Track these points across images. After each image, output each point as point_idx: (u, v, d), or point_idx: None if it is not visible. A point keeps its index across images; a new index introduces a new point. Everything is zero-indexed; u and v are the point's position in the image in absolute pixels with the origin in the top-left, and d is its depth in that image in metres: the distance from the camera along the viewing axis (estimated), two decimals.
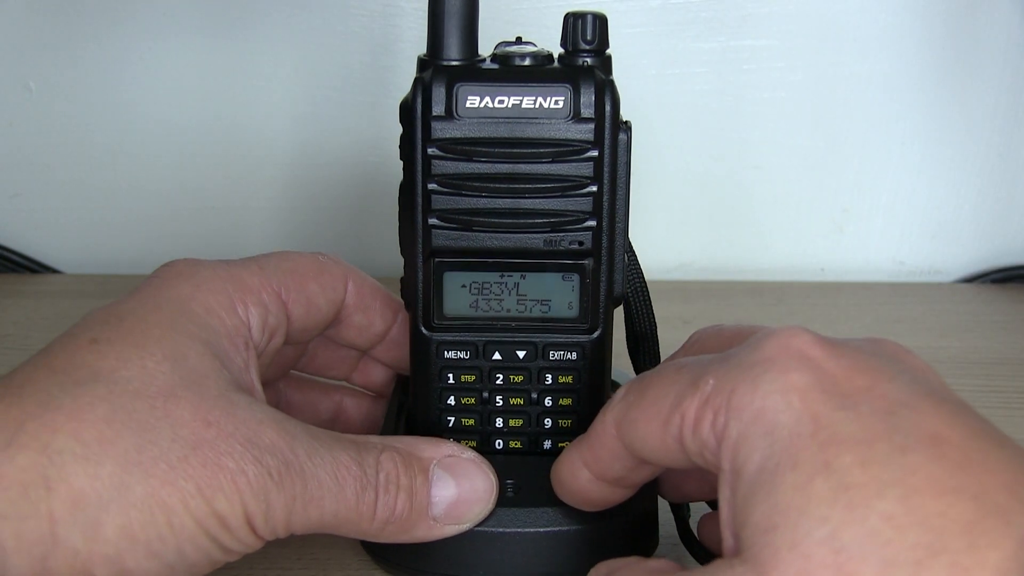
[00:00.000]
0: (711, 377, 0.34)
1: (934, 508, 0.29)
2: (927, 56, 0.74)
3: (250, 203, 0.78)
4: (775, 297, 0.75)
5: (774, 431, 0.31)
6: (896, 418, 0.31)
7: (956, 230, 0.79)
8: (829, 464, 0.30)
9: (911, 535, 0.29)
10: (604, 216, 0.41)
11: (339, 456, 0.38)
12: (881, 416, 0.31)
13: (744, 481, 0.32)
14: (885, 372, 0.33)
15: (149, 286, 0.41)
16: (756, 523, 0.31)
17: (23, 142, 0.77)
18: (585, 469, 0.39)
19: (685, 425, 0.34)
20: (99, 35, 0.74)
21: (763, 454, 0.31)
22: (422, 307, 0.43)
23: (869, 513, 0.29)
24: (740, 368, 0.33)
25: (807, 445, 0.31)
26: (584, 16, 0.41)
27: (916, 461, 0.30)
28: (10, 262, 0.78)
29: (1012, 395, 0.62)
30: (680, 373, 0.35)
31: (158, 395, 0.36)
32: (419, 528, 0.40)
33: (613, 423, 0.37)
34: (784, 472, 0.31)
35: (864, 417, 0.31)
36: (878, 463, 0.30)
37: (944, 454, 0.30)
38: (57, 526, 0.33)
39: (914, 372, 0.34)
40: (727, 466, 0.32)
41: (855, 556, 0.29)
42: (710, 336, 0.41)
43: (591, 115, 0.40)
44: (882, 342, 0.35)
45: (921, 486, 0.29)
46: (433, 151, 0.41)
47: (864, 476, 0.30)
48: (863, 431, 0.31)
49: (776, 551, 0.30)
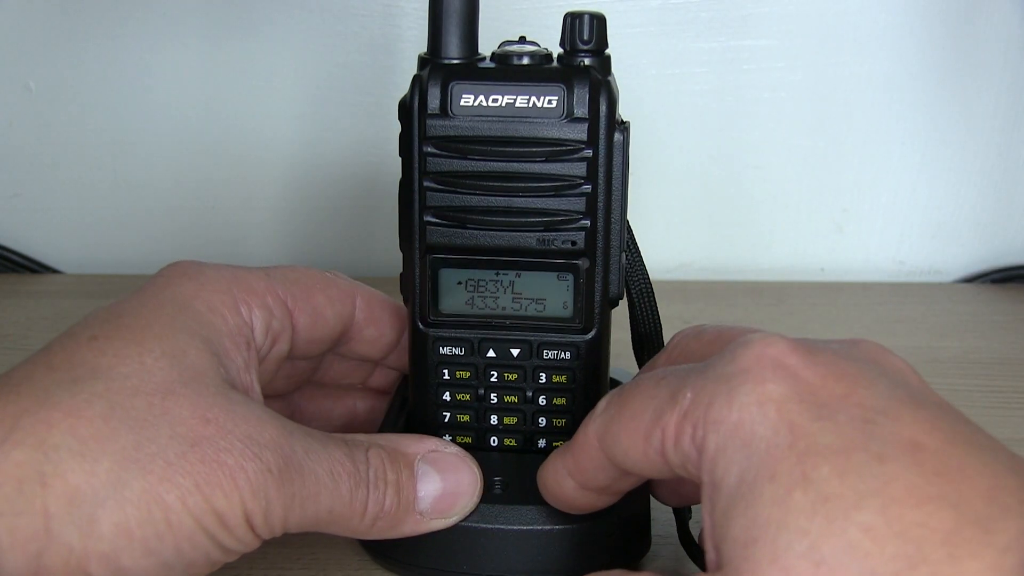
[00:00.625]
0: (688, 391, 0.33)
1: (913, 518, 0.29)
2: (927, 56, 0.74)
3: (250, 203, 0.78)
4: (775, 297, 0.75)
5: (751, 443, 0.31)
6: (873, 426, 0.31)
7: (956, 230, 0.79)
8: (807, 476, 0.30)
9: (890, 547, 0.28)
10: (599, 216, 0.41)
11: (334, 452, 0.38)
12: (858, 425, 0.31)
13: (723, 494, 0.31)
14: (862, 378, 0.32)
15: (152, 285, 0.41)
16: (736, 537, 0.30)
17: (23, 142, 0.77)
18: (570, 479, 0.39)
19: (666, 439, 0.34)
20: (99, 35, 0.74)
21: (741, 467, 0.31)
22: (419, 303, 0.43)
23: (848, 525, 0.29)
24: (717, 380, 0.33)
25: (785, 456, 0.30)
26: (582, 16, 0.41)
27: (894, 470, 0.30)
28: (10, 262, 0.78)
29: (1012, 395, 0.61)
30: (659, 387, 0.35)
31: (156, 392, 0.36)
32: (407, 523, 0.40)
33: (595, 436, 0.37)
34: (762, 485, 0.30)
35: (841, 426, 0.31)
36: (856, 473, 0.30)
37: (922, 462, 0.30)
38: (52, 522, 0.33)
39: (893, 375, 0.33)
40: (707, 479, 0.32)
41: (835, 569, 0.29)
42: (691, 339, 0.40)
43: (584, 115, 0.40)
44: (860, 343, 0.35)
45: (900, 496, 0.29)
46: (429, 148, 0.41)
47: (842, 487, 0.29)
48: (840, 441, 0.30)
49: (756, 565, 0.30)
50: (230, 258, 0.45)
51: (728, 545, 0.31)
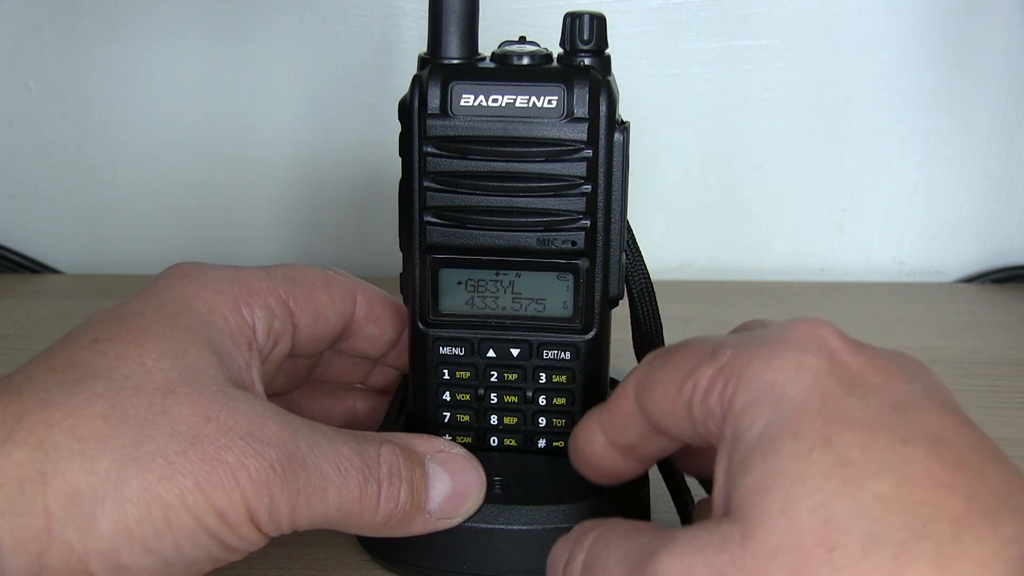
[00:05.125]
0: (730, 349, 0.34)
1: (926, 498, 0.29)
2: (927, 56, 0.74)
3: (251, 203, 0.78)
4: (775, 297, 0.75)
5: (781, 402, 0.32)
6: (902, 414, 0.31)
7: (956, 230, 0.79)
8: (830, 440, 0.31)
9: (899, 517, 0.29)
10: (599, 216, 0.41)
11: (341, 448, 0.38)
12: (887, 410, 0.31)
13: (743, 446, 0.32)
14: (900, 375, 0.33)
15: (154, 287, 0.41)
16: (749, 484, 0.31)
17: (23, 142, 0.77)
18: (600, 433, 0.39)
19: (696, 392, 0.34)
20: (99, 35, 0.74)
21: (766, 421, 0.32)
22: (419, 303, 0.43)
23: (862, 491, 0.29)
24: (760, 343, 0.34)
25: (812, 419, 0.31)
26: (582, 16, 0.41)
27: (915, 454, 0.30)
28: (10, 262, 0.78)
29: (1012, 395, 0.62)
30: (704, 343, 0.36)
31: (156, 391, 0.36)
32: (416, 522, 0.40)
33: (633, 384, 0.38)
34: (785, 440, 0.31)
35: (871, 407, 0.32)
36: (878, 447, 0.30)
37: (943, 453, 0.30)
38: (52, 521, 0.33)
39: (929, 384, 0.34)
40: (729, 433, 0.33)
41: (842, 528, 0.29)
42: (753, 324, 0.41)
43: (584, 115, 0.40)
44: (906, 355, 0.36)
45: (916, 476, 0.30)
46: (429, 148, 0.41)
47: (863, 456, 0.30)
48: (868, 418, 0.31)
49: (766, 512, 0.30)
50: (230, 258, 0.45)
51: (740, 492, 0.31)
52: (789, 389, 0.32)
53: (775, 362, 0.33)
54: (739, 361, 0.34)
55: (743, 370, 0.33)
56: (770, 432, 0.31)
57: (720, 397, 0.34)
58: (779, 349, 0.33)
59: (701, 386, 0.34)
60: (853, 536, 0.29)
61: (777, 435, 0.31)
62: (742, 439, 0.32)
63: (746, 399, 0.33)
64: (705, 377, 0.34)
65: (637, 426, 0.38)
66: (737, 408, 0.33)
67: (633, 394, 0.38)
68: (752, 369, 0.33)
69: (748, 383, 0.33)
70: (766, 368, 0.33)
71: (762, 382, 0.33)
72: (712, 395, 0.34)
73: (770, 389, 0.32)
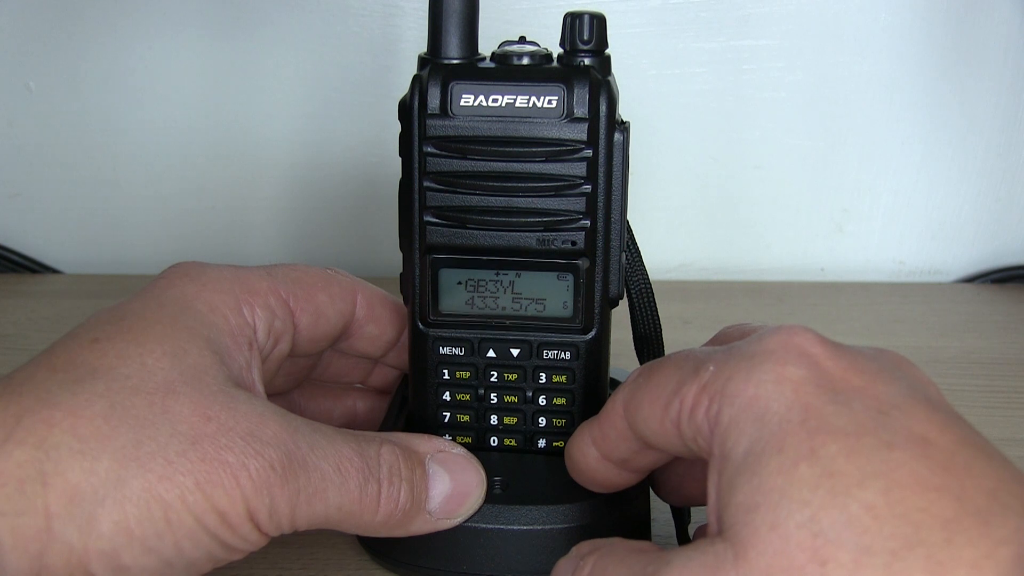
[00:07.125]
0: (712, 364, 0.34)
1: (915, 503, 0.29)
2: (927, 56, 0.74)
3: (251, 203, 0.78)
4: (775, 297, 0.75)
5: (764, 417, 0.32)
6: (886, 417, 0.31)
7: (956, 230, 0.79)
8: (815, 451, 0.31)
9: (889, 526, 0.29)
10: (599, 216, 0.41)
11: (341, 448, 0.38)
12: (872, 414, 0.31)
13: (731, 464, 0.32)
14: (882, 375, 0.33)
15: (154, 287, 0.41)
16: (739, 503, 0.31)
17: (23, 142, 0.77)
18: (593, 448, 0.40)
19: (683, 410, 0.35)
20: (99, 35, 0.74)
21: (751, 438, 0.32)
22: (419, 303, 0.43)
23: (850, 501, 0.29)
24: (740, 358, 0.34)
25: (795, 432, 0.31)
26: (582, 16, 0.41)
27: (902, 458, 0.30)
28: (10, 262, 0.78)
29: (1012, 395, 0.62)
30: (686, 360, 0.36)
31: (157, 391, 0.36)
32: (416, 522, 0.40)
33: (622, 403, 0.38)
34: (770, 455, 0.31)
35: (855, 413, 0.31)
36: (863, 455, 0.30)
37: (930, 455, 0.30)
38: (53, 521, 0.33)
39: (913, 380, 0.34)
40: (717, 451, 0.33)
41: (832, 541, 0.29)
42: (733, 330, 0.41)
43: (584, 115, 0.40)
44: (887, 352, 0.36)
45: (904, 481, 0.30)
46: (429, 148, 0.41)
47: (848, 465, 0.30)
48: (852, 425, 0.31)
49: (756, 530, 0.30)
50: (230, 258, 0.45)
51: (730, 511, 0.31)
52: (771, 403, 0.32)
53: (755, 376, 0.33)
54: (721, 377, 0.34)
55: (725, 386, 0.33)
56: (755, 449, 0.32)
57: (706, 415, 0.34)
58: (759, 362, 0.33)
59: (687, 404, 0.34)
60: (844, 549, 0.29)
61: (762, 451, 0.31)
62: (729, 457, 0.32)
63: (731, 416, 0.33)
64: (690, 395, 0.34)
65: (629, 442, 0.38)
66: (723, 425, 0.33)
67: (622, 411, 0.38)
68: (734, 385, 0.33)
69: (731, 399, 0.33)
70: (747, 383, 0.33)
71: (745, 398, 0.33)
72: (698, 413, 0.34)
73: (753, 404, 0.32)
